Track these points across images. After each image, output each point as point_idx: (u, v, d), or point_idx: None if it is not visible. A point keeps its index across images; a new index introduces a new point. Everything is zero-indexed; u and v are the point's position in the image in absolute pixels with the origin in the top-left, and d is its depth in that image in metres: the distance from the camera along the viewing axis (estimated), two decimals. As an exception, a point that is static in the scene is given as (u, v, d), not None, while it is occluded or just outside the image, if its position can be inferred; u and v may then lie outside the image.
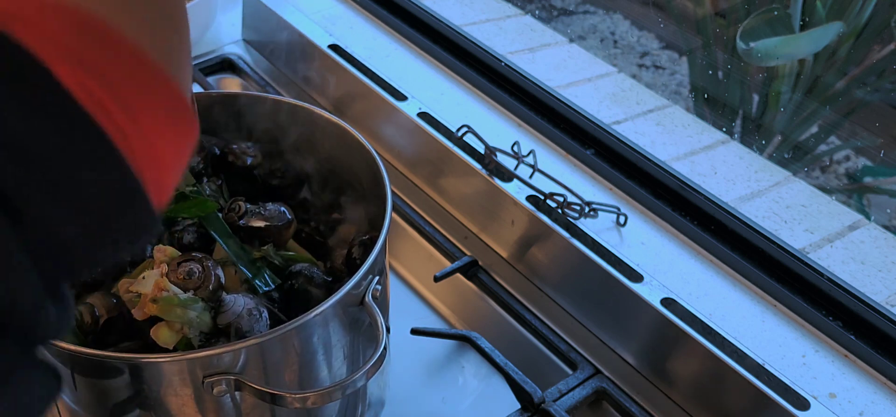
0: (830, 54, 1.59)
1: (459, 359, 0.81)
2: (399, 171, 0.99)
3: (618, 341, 0.79)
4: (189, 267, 0.60)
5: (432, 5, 1.16)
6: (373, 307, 0.61)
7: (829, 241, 0.93)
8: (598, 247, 0.82)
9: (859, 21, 1.53)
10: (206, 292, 0.59)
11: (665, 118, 1.15)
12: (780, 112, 1.63)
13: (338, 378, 0.63)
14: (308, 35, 1.10)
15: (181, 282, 0.59)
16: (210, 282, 0.59)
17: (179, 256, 0.61)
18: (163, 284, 0.58)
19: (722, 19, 1.73)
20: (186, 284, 0.59)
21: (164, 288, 0.57)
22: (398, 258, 0.92)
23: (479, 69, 1.06)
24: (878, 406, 0.70)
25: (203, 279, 0.59)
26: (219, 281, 0.60)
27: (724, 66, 1.71)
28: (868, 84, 1.60)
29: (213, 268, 0.60)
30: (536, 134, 0.97)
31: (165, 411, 0.58)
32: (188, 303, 0.58)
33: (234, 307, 0.59)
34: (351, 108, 1.05)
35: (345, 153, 0.73)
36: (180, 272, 0.59)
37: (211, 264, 0.60)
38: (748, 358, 0.72)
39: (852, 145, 1.76)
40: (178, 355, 0.57)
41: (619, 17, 2.32)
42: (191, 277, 0.59)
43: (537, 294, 0.84)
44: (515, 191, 0.87)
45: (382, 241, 0.63)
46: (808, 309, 0.77)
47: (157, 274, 0.59)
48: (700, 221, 0.86)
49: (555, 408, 0.73)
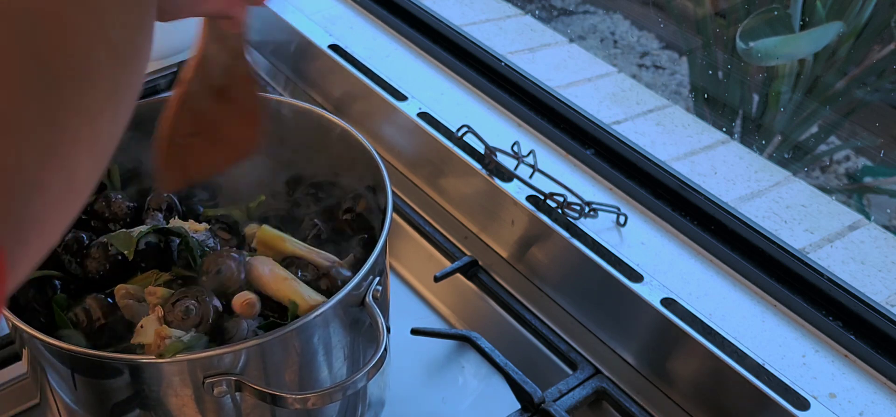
0: (830, 54, 1.59)
1: (459, 359, 0.81)
2: (399, 171, 0.99)
3: (618, 341, 0.79)
4: (185, 304, 0.58)
5: (432, 5, 1.16)
6: (373, 307, 0.61)
7: (829, 241, 0.93)
8: (598, 247, 0.82)
9: (859, 21, 1.54)
10: (207, 326, 0.59)
11: (665, 118, 1.15)
12: (780, 112, 1.63)
13: (338, 379, 0.63)
14: (308, 35, 1.10)
15: (180, 322, 0.58)
16: (209, 315, 0.59)
17: (173, 295, 0.60)
18: (163, 332, 0.57)
19: (722, 19, 1.73)
20: (185, 323, 0.58)
21: (166, 336, 0.57)
22: (398, 258, 0.92)
23: (479, 69, 1.06)
24: (878, 406, 0.70)
25: (201, 313, 0.59)
26: (217, 312, 0.59)
27: (724, 65, 1.71)
28: (868, 84, 1.60)
29: (209, 301, 0.59)
30: (536, 134, 0.97)
31: (166, 411, 0.58)
32: (193, 342, 0.57)
33: (239, 332, 0.59)
34: (351, 108, 1.05)
35: (345, 153, 0.73)
36: (177, 311, 0.58)
37: (207, 297, 0.59)
38: (748, 358, 0.72)
39: (852, 145, 1.77)
40: (179, 356, 0.57)
41: (619, 17, 2.32)
42: (188, 315, 0.58)
43: (537, 294, 0.84)
44: (515, 191, 0.87)
45: (383, 242, 0.63)
46: (808, 309, 0.77)
47: (154, 320, 0.58)
48: (700, 221, 0.86)
49: (555, 408, 0.73)
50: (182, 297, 0.59)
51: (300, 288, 0.61)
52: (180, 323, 0.58)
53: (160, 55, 1.12)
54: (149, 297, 0.60)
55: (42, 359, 0.60)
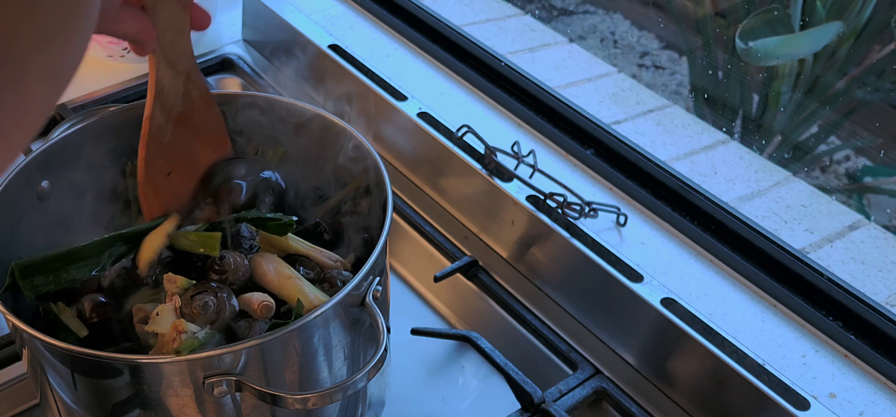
0: (830, 54, 1.59)
1: (459, 359, 0.81)
2: (399, 171, 0.99)
3: (618, 341, 0.79)
4: (204, 299, 0.58)
5: (432, 5, 1.16)
6: (373, 307, 0.61)
7: (829, 241, 0.94)
8: (598, 247, 0.82)
9: (859, 21, 1.54)
10: (223, 324, 0.58)
11: (665, 118, 1.15)
12: (780, 112, 1.63)
13: (338, 379, 0.63)
14: (308, 35, 1.10)
15: (196, 317, 0.58)
16: (226, 313, 0.58)
17: (192, 287, 0.59)
18: (181, 326, 0.56)
19: (722, 19, 1.73)
20: (202, 318, 0.58)
21: (183, 330, 0.56)
22: (398, 258, 0.92)
23: (479, 69, 1.06)
24: (878, 406, 0.70)
25: (219, 310, 0.58)
26: (234, 311, 0.59)
27: (724, 65, 1.71)
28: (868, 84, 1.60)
29: (227, 298, 0.59)
30: (536, 134, 0.97)
31: (165, 411, 0.58)
32: (208, 340, 0.57)
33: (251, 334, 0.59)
34: (351, 108, 1.05)
35: (345, 153, 0.73)
36: (195, 305, 0.58)
37: (225, 294, 0.59)
38: (748, 358, 0.72)
39: (852, 145, 1.76)
40: (184, 356, 0.57)
41: (619, 17, 2.32)
42: (206, 310, 0.58)
43: (537, 294, 0.84)
44: (515, 191, 0.87)
45: (383, 242, 0.63)
46: (808, 309, 0.77)
47: (170, 309, 0.58)
48: (700, 221, 0.86)
49: (555, 408, 0.73)
50: (202, 291, 0.59)
51: (305, 286, 0.61)
52: (196, 318, 0.58)
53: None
54: (167, 285, 0.60)
55: (42, 359, 0.60)
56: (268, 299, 0.60)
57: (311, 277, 0.64)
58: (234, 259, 0.62)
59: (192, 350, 0.56)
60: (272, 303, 0.60)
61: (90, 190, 0.73)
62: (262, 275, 0.62)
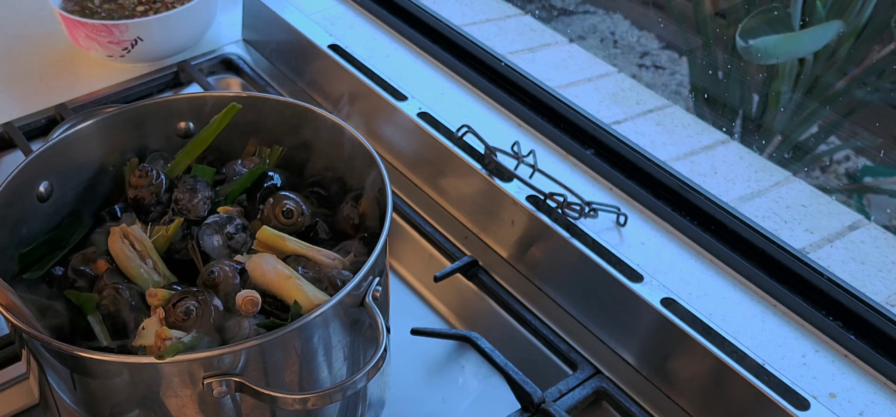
0: (830, 54, 1.59)
1: (459, 359, 0.81)
2: (399, 171, 0.99)
3: (618, 341, 0.79)
4: (186, 305, 0.59)
5: (432, 5, 1.16)
6: (373, 308, 0.61)
7: (829, 241, 0.93)
8: (598, 247, 0.82)
9: (859, 21, 1.53)
10: (208, 326, 0.59)
11: (665, 118, 1.15)
12: (780, 112, 1.63)
13: (338, 379, 0.63)
14: (308, 35, 1.10)
15: (180, 323, 0.58)
16: (209, 315, 0.59)
17: (174, 295, 0.60)
18: (163, 333, 0.57)
19: (722, 19, 1.73)
20: (185, 324, 0.58)
21: (166, 337, 0.56)
22: (398, 258, 0.92)
23: (479, 69, 1.06)
24: (878, 406, 0.70)
25: (202, 313, 0.59)
26: (218, 312, 0.59)
27: (724, 65, 1.71)
28: (868, 84, 1.60)
29: (210, 300, 0.59)
30: (536, 134, 0.97)
31: (165, 412, 0.58)
32: (194, 343, 0.57)
33: (240, 332, 0.59)
34: (351, 108, 1.05)
35: (345, 153, 0.73)
36: (178, 312, 0.58)
37: (208, 296, 0.59)
38: (748, 358, 0.72)
39: (852, 145, 1.76)
40: (178, 356, 0.57)
41: (619, 17, 2.32)
42: (189, 316, 0.58)
43: (537, 294, 0.84)
44: (515, 191, 0.87)
45: (383, 242, 0.63)
46: (808, 309, 0.77)
47: (155, 321, 0.58)
48: (700, 221, 0.86)
49: (555, 408, 0.73)
50: (183, 298, 0.59)
51: (304, 285, 0.61)
52: (181, 324, 0.58)
53: (160, 55, 1.12)
54: (150, 300, 0.60)
55: (42, 359, 0.60)
56: (252, 293, 0.60)
57: (310, 277, 0.64)
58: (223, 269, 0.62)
59: (178, 352, 0.56)
60: (257, 297, 0.60)
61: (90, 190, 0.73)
62: (261, 276, 0.62)
